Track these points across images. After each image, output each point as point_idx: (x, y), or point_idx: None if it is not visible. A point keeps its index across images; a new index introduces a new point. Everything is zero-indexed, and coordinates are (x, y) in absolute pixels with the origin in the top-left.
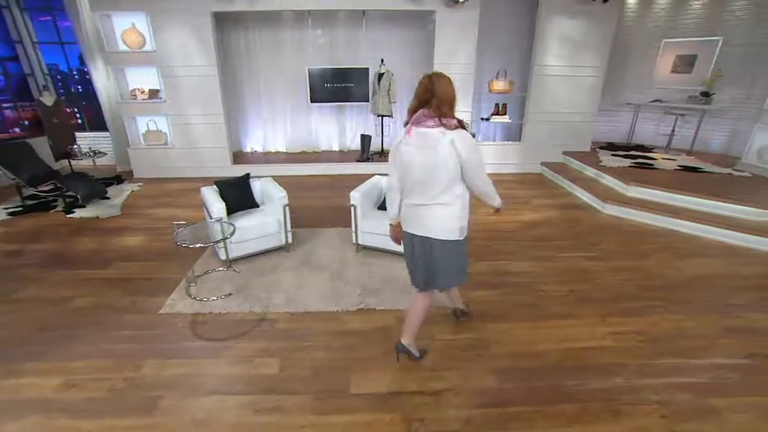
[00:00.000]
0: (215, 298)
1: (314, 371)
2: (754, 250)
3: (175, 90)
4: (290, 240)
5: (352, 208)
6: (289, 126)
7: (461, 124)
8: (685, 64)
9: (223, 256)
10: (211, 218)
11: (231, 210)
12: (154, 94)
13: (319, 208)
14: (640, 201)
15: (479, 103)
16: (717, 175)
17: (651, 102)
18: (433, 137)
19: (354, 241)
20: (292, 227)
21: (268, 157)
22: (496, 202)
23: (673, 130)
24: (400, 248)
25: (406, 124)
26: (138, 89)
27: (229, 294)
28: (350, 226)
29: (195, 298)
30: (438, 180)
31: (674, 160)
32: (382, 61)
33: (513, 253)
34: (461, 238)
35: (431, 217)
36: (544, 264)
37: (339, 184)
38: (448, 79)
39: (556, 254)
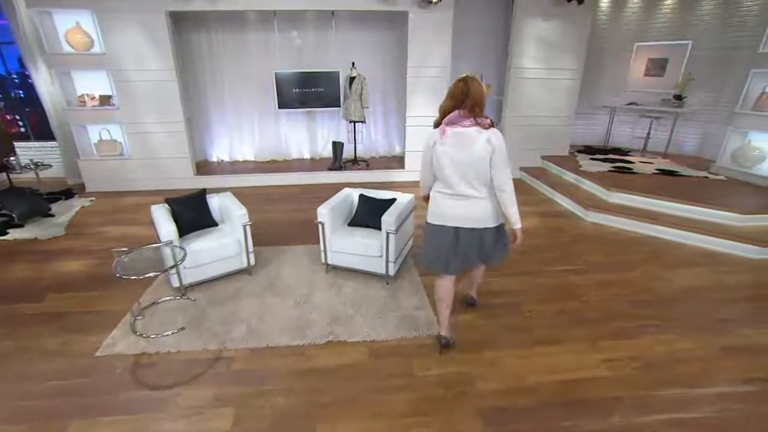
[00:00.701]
0: (166, 333)
1: (274, 422)
2: (736, 257)
3: (129, 96)
4: (252, 262)
5: (320, 226)
6: (257, 133)
7: (493, 123)
8: (657, 67)
9: (176, 283)
10: (160, 242)
11: (186, 230)
12: (105, 100)
13: (288, 222)
14: (621, 207)
15: None
16: (694, 178)
17: (626, 105)
18: (471, 136)
19: (323, 261)
20: (255, 246)
21: (235, 167)
22: (515, 217)
23: (648, 133)
24: (373, 267)
25: (437, 125)
26: (87, 95)
27: (182, 328)
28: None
29: (141, 335)
30: (478, 175)
31: (651, 163)
32: (353, 64)
33: (495, 269)
34: (502, 222)
35: (476, 210)
36: (531, 280)
37: (310, 195)
38: (479, 81)
39: (541, 268)
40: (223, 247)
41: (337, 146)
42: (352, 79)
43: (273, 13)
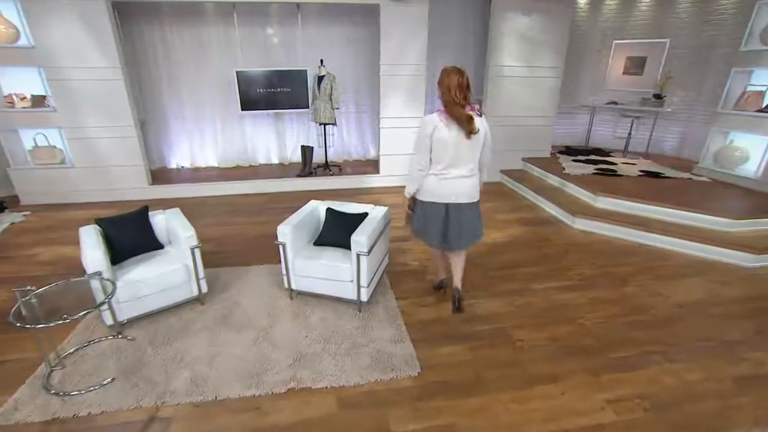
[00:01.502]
0: (91, 388)
1: None
2: (731, 266)
3: (67, 96)
4: (204, 289)
5: (281, 247)
6: (220, 137)
7: (480, 109)
8: (636, 65)
9: (110, 321)
10: (85, 273)
11: (123, 256)
12: (39, 101)
13: (252, 237)
14: (608, 213)
15: (432, 107)
16: (678, 180)
17: (606, 104)
18: (477, 121)
19: (286, 286)
20: (213, 268)
21: (197, 174)
22: (485, 179)
23: (630, 133)
24: (343, 293)
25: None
26: (16, 95)
27: (112, 380)
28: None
29: (56, 393)
30: (473, 155)
31: (634, 164)
32: (322, 62)
33: (479, 288)
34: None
35: (468, 186)
36: (517, 301)
37: (277, 204)
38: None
39: (528, 286)
40: (167, 274)
41: (307, 150)
42: (320, 78)
43: (232, 6)
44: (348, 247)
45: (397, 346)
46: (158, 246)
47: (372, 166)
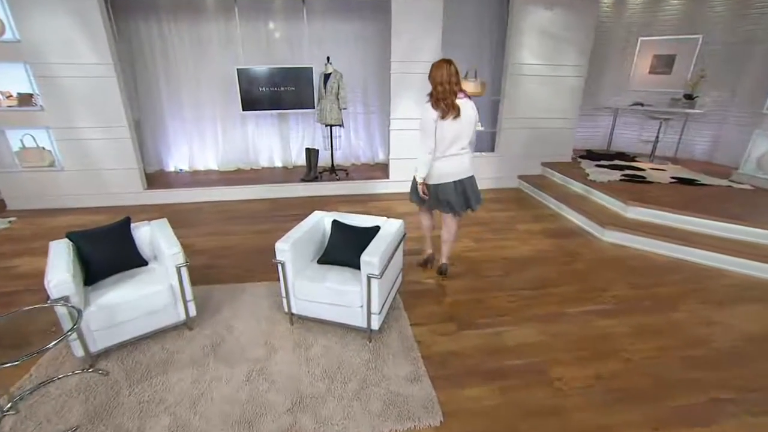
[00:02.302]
0: None
1: None
2: None
3: (57, 95)
4: (193, 312)
5: (280, 267)
6: (221, 139)
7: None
8: (664, 64)
9: (80, 352)
10: (49, 298)
11: (100, 275)
12: (26, 99)
13: (249, 249)
14: (641, 224)
15: None
16: (716, 188)
17: (632, 105)
18: (465, 106)
19: (286, 309)
20: (206, 285)
21: (196, 178)
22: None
23: (657, 137)
24: (351, 319)
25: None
26: (1, 93)
27: (74, 429)
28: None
29: None
30: (467, 136)
31: (664, 170)
32: (328, 59)
33: (506, 313)
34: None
35: (463, 163)
36: (551, 328)
37: (280, 211)
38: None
39: (561, 310)
40: (150, 297)
41: (312, 153)
42: (327, 77)
43: (234, 0)
44: (357, 266)
45: (414, 385)
46: (141, 262)
47: (381, 170)
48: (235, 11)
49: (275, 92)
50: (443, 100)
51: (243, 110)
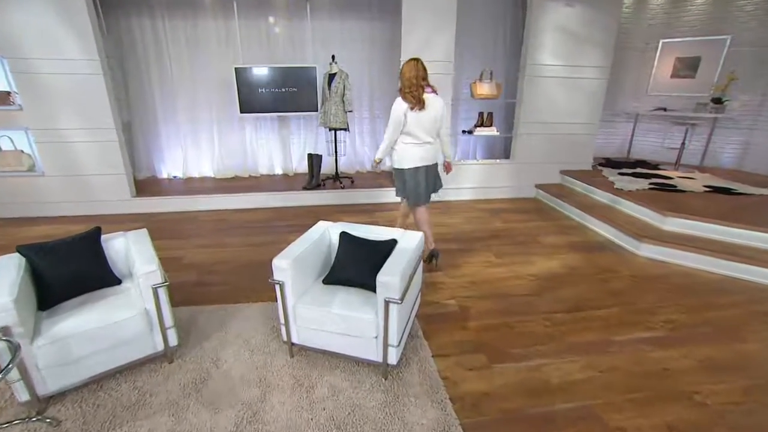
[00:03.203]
0: None
1: None
2: None
3: (36, 93)
4: (174, 341)
5: (278, 287)
6: (217, 144)
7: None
8: (688, 67)
9: (24, 396)
10: None
11: (58, 296)
12: (2, 97)
13: (244, 264)
14: (681, 237)
15: (457, 111)
16: (757, 197)
17: (653, 111)
18: (434, 99)
19: (284, 338)
20: (192, 306)
21: (189, 185)
22: (450, 153)
23: (683, 143)
24: (363, 352)
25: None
26: None
27: None
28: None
29: None
30: (434, 126)
31: (693, 178)
32: (333, 57)
33: (542, 341)
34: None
35: (434, 151)
36: (598, 361)
37: (279, 221)
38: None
39: (606, 337)
40: (119, 324)
41: (314, 159)
42: (331, 77)
43: None
44: (370, 287)
45: None
46: (112, 281)
47: (387, 178)
48: (234, 7)
49: (276, 94)
50: (411, 93)
51: (241, 112)
